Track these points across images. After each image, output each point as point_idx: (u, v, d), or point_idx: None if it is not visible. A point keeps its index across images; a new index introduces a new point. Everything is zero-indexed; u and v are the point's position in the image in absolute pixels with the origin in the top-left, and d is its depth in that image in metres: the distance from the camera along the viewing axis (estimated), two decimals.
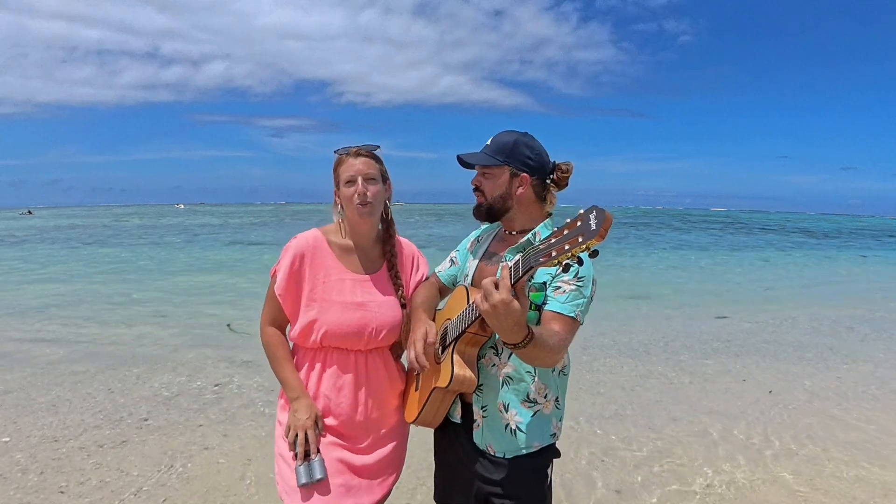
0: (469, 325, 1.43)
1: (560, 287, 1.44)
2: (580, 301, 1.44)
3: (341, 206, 1.66)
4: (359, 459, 1.63)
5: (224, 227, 38.89)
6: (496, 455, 1.54)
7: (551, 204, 1.62)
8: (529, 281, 1.46)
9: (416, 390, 1.70)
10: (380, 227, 1.74)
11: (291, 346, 1.70)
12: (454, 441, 1.65)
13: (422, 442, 1.91)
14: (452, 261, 1.81)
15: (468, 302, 1.48)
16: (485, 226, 1.76)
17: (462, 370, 1.48)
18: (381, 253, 1.75)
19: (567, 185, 1.62)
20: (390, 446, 1.72)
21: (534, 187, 1.57)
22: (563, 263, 1.11)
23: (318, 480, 1.52)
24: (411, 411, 1.68)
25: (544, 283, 1.46)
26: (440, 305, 1.77)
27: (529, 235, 1.55)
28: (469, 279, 1.65)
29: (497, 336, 1.52)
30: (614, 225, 1.08)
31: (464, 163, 1.61)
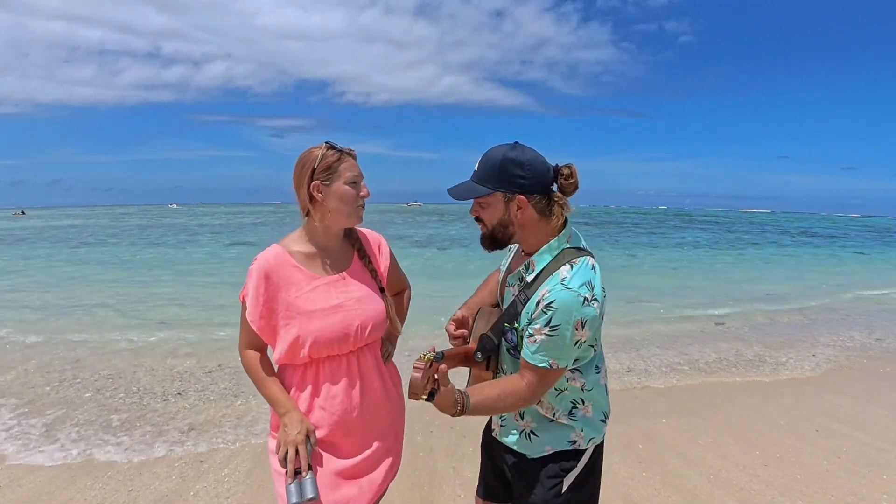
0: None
1: (532, 335, 1.37)
2: (554, 352, 1.35)
3: (326, 203, 1.54)
4: (352, 464, 1.61)
5: (224, 226, 38.89)
6: (518, 451, 1.59)
7: (559, 216, 1.45)
8: (510, 327, 1.49)
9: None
10: None
11: (277, 368, 1.64)
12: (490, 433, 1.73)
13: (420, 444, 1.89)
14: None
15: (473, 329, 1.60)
16: None
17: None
18: (348, 246, 1.69)
19: (576, 189, 1.45)
20: (385, 444, 1.71)
21: (535, 206, 1.42)
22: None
23: (310, 500, 1.46)
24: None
25: (523, 327, 1.43)
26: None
27: (521, 268, 1.48)
28: (498, 292, 1.67)
29: (505, 349, 1.53)
30: (615, 223, 1.07)
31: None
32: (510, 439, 1.59)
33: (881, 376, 5.44)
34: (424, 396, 1.29)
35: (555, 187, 1.46)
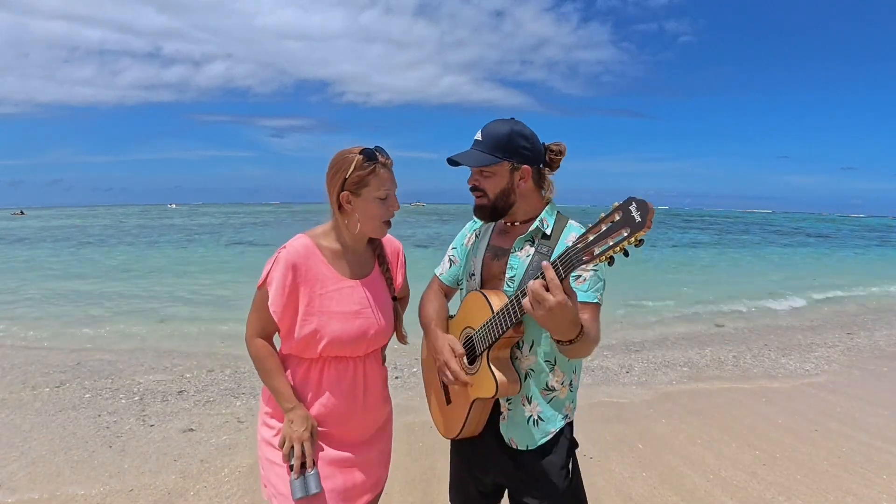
0: (505, 331, 1.41)
1: (580, 276, 1.44)
2: (599, 284, 1.47)
3: (354, 213, 1.55)
4: (352, 462, 1.63)
5: (224, 226, 38.89)
6: (518, 448, 1.55)
7: (549, 190, 1.59)
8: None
9: (448, 404, 1.65)
10: None
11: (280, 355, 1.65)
12: (477, 436, 1.64)
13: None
14: (451, 260, 1.76)
15: (491, 308, 1.45)
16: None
17: (504, 376, 1.46)
18: (371, 252, 1.70)
19: (558, 167, 1.58)
20: (381, 445, 1.73)
21: (533, 177, 1.53)
22: (608, 258, 1.11)
23: (314, 495, 1.50)
24: (452, 427, 1.63)
25: None
26: (451, 311, 1.72)
27: (536, 223, 1.52)
28: (477, 278, 1.61)
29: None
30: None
31: (455, 163, 1.52)
32: (518, 432, 1.55)
33: (881, 376, 5.45)
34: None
35: (543, 166, 1.58)
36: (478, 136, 1.51)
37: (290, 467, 1.52)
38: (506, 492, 1.70)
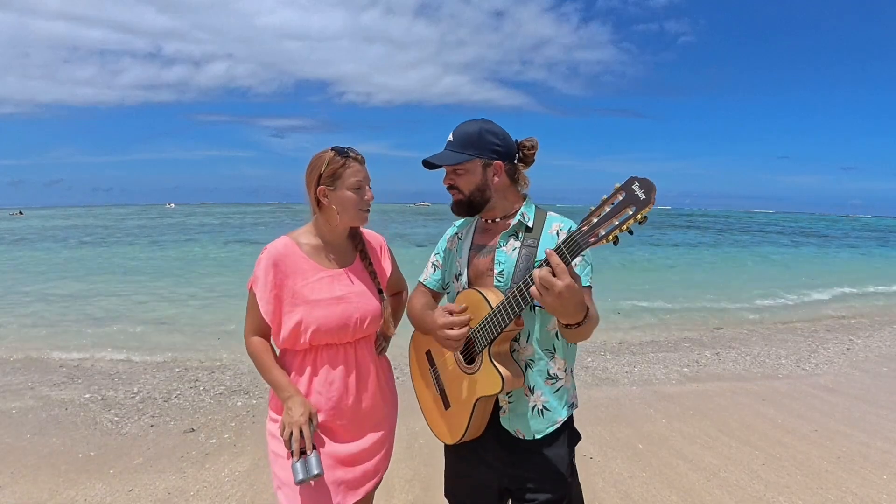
0: (507, 324, 1.41)
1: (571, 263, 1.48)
2: (588, 269, 1.51)
3: (332, 206, 1.63)
4: (350, 451, 1.67)
5: (224, 226, 38.89)
6: (525, 438, 1.55)
7: (525, 185, 1.64)
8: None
9: (447, 409, 1.63)
10: None
11: (279, 352, 1.72)
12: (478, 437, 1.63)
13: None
14: (435, 265, 1.77)
15: (489, 304, 1.44)
16: (459, 222, 1.75)
17: (508, 371, 1.47)
18: (352, 247, 1.78)
19: (533, 161, 1.62)
20: (380, 435, 1.76)
21: (507, 172, 1.58)
22: (614, 238, 1.13)
23: (316, 476, 1.55)
24: (455, 431, 1.61)
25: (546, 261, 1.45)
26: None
27: (518, 217, 1.57)
28: (464, 277, 1.62)
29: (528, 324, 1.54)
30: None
31: (432, 165, 1.57)
32: (522, 423, 1.55)
33: (881, 376, 5.45)
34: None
35: (517, 163, 1.62)
36: (450, 137, 1.57)
37: (292, 452, 1.58)
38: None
